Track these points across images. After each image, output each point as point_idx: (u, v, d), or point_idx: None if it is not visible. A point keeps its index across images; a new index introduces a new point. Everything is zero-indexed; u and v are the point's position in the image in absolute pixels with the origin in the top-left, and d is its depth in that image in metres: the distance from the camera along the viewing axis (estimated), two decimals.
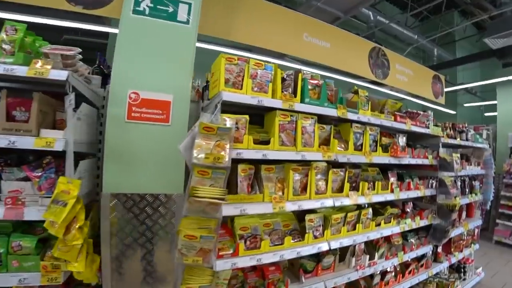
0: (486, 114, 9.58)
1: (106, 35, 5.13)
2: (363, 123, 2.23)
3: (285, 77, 1.94)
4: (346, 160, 2.05)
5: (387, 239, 2.79)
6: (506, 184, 6.02)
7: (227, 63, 1.72)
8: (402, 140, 2.49)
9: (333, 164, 2.09)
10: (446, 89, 8.22)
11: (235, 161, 1.69)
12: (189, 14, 1.90)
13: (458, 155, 2.99)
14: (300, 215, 2.11)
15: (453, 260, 3.49)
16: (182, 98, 1.82)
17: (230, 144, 1.57)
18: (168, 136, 1.79)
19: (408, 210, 2.83)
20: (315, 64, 3.80)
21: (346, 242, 2.12)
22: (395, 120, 2.49)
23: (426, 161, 2.82)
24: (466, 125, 3.80)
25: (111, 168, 1.69)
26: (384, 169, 2.75)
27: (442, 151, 2.99)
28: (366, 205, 2.72)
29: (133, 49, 1.76)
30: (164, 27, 1.83)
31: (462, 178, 3.94)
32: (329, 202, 2.00)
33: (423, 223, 2.84)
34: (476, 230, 4.12)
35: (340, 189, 2.13)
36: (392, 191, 2.45)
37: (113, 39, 1.84)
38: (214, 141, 1.52)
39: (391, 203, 2.90)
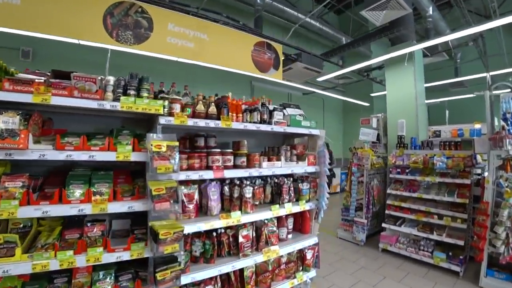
0: None
1: None
2: None
3: None
4: None
5: None
6: (393, 180, 5.11)
7: None
8: None
9: None
10: (327, 76, 7.18)
11: None
12: None
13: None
14: None
15: None
16: None
17: None
18: None
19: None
20: None
21: None
22: None
23: (109, 156, 1.51)
24: (266, 101, 2.60)
25: None
26: None
27: (158, 139, 1.70)
28: None
29: None
30: None
31: (273, 182, 2.77)
32: None
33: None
34: (311, 251, 2.96)
35: None
36: None
37: None
38: None
39: None
